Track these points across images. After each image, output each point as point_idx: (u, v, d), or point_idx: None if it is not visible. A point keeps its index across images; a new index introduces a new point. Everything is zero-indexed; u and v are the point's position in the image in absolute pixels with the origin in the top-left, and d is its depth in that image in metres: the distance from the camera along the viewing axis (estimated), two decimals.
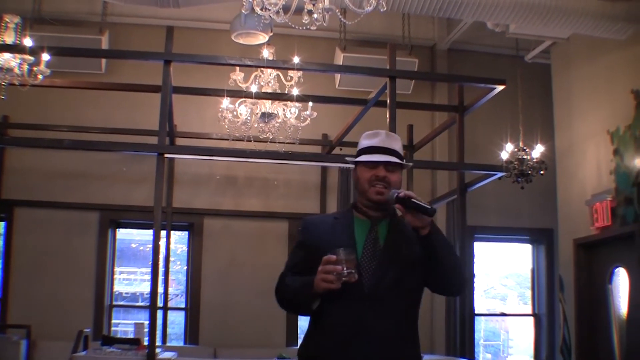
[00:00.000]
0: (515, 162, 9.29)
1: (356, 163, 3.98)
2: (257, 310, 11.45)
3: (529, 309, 13.11)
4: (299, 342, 11.99)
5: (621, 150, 9.24)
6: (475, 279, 11.35)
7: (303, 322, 12.21)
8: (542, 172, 9.40)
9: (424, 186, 12.24)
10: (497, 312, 14.06)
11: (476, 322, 12.24)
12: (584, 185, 10.10)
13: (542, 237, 12.81)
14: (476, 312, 11.49)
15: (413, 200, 3.64)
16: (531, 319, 12.91)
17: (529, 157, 9.35)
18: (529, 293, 13.21)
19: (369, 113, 9.99)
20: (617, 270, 9.46)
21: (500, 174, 9.42)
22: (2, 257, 11.39)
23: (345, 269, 3.55)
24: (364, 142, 4.02)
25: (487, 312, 13.95)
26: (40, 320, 10.70)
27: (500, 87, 8.96)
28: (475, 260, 11.62)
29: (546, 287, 12.68)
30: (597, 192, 9.67)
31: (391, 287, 3.70)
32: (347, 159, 4.13)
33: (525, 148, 9.43)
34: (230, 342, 11.35)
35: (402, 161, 3.94)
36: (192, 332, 11.64)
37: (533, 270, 13.10)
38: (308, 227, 4.07)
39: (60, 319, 10.92)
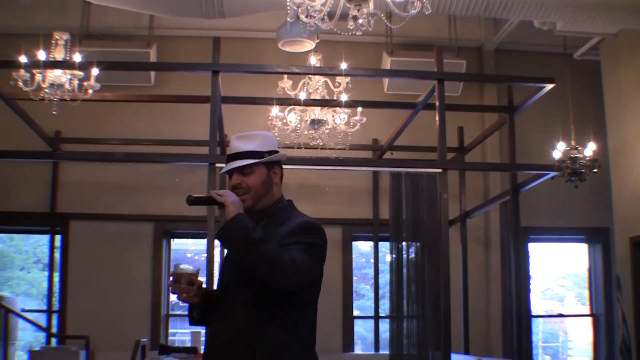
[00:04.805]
0: (568, 161, 9.20)
1: None
2: None
3: (586, 310, 12.94)
4: (355, 348, 12.01)
5: None
6: (532, 281, 11.25)
7: (358, 328, 12.21)
8: (595, 170, 9.30)
9: (476, 188, 12.16)
10: (555, 314, 13.94)
11: (534, 324, 12.15)
12: (638, 182, 9.97)
13: (597, 236, 12.65)
14: (533, 313, 11.40)
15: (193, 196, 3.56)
16: (589, 320, 12.74)
17: (581, 156, 9.25)
18: (586, 293, 13.05)
19: (419, 116, 9.96)
20: None
21: (553, 174, 9.33)
22: (59, 269, 11.52)
23: (180, 282, 3.57)
24: None
25: (544, 314, 13.84)
26: (98, 330, 10.80)
27: (549, 86, 8.89)
28: (530, 261, 11.52)
29: (603, 286, 12.52)
30: None
31: (237, 291, 3.55)
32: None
33: (577, 146, 9.34)
34: None
35: (258, 159, 3.70)
36: None
37: (589, 270, 12.94)
38: None
39: (118, 330, 11.02)
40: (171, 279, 3.59)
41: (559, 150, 9.36)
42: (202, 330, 8.88)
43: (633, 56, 10.24)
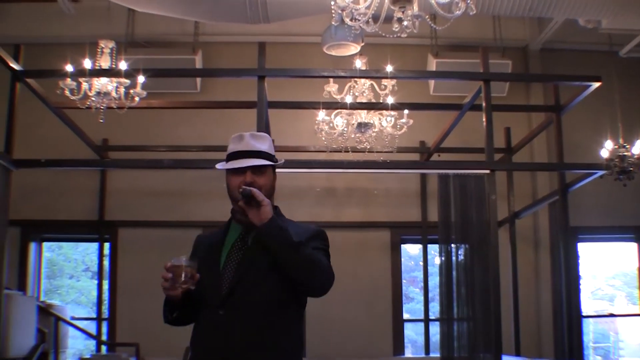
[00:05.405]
0: (616, 160, 9.11)
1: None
2: (359, 321, 11.41)
3: (637, 309, 12.80)
4: (406, 352, 11.96)
5: None
6: (581, 281, 11.16)
7: (409, 331, 12.17)
8: None
9: (524, 188, 12.08)
10: (606, 314, 13.81)
11: (585, 325, 12.04)
12: None
13: None
14: (584, 314, 11.30)
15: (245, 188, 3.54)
16: None
17: (629, 154, 9.16)
18: (637, 293, 12.91)
19: (465, 117, 9.92)
20: None
21: (601, 173, 9.25)
22: (108, 277, 11.60)
23: (180, 275, 3.56)
24: (230, 147, 3.87)
25: (595, 314, 13.71)
26: (148, 337, 10.83)
27: (596, 84, 8.82)
28: (580, 261, 11.43)
29: None
30: None
31: (248, 292, 3.53)
32: (216, 165, 3.91)
33: (625, 144, 9.24)
34: (333, 354, 11.33)
35: (271, 161, 3.81)
36: None
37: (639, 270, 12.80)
38: (196, 242, 4.07)
39: (168, 336, 10.93)
40: (169, 274, 3.58)
41: (606, 149, 9.27)
42: None
43: None
